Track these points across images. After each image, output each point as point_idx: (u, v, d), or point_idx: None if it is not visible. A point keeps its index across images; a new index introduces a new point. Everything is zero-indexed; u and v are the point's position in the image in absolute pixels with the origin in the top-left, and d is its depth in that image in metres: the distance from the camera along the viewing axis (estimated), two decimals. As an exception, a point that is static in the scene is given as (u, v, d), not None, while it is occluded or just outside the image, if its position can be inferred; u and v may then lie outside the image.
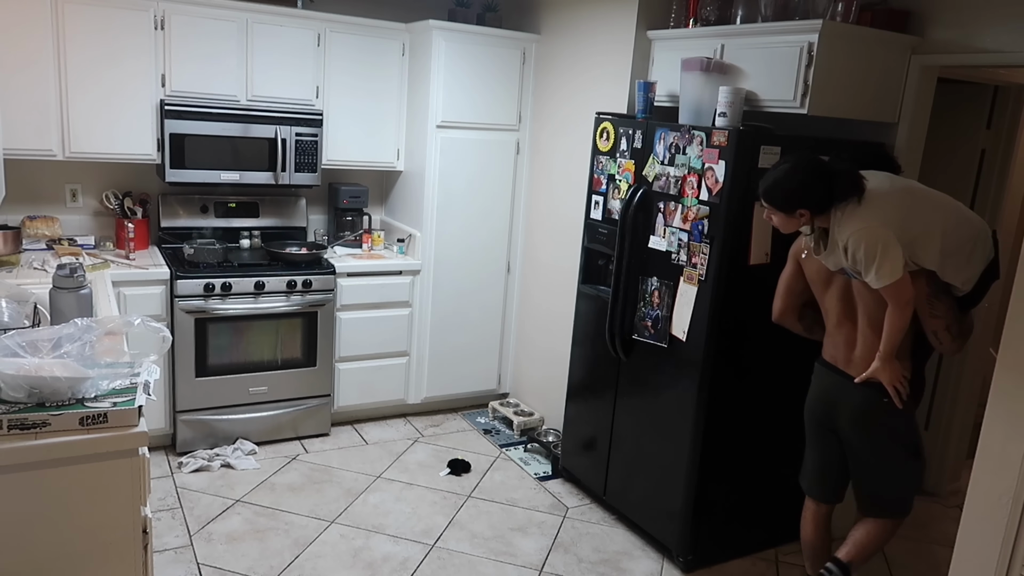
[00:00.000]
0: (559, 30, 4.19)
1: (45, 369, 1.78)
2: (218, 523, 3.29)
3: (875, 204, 2.42)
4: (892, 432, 2.62)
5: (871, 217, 2.40)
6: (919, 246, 2.42)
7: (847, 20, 2.98)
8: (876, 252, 2.36)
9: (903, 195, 2.49)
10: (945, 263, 2.44)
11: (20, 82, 3.46)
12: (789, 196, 2.48)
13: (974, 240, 2.46)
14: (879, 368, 2.50)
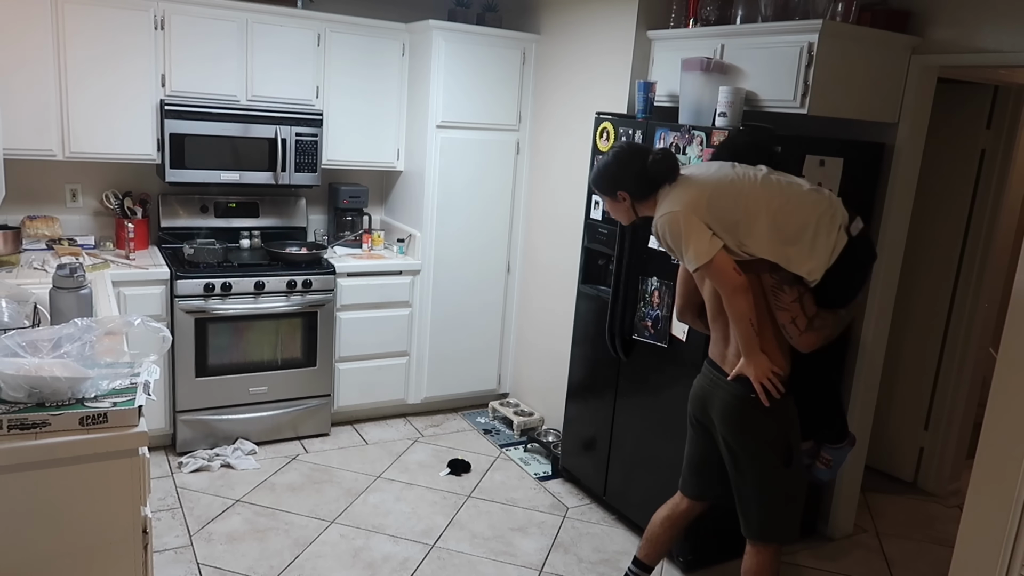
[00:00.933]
0: (559, 30, 4.19)
1: (45, 369, 1.78)
2: (218, 523, 3.29)
3: (685, 188, 2.38)
4: (761, 433, 2.43)
5: (677, 201, 2.35)
6: (743, 233, 2.33)
7: (847, 20, 2.98)
8: (680, 235, 2.32)
9: (720, 180, 2.39)
10: (787, 252, 2.32)
11: (20, 82, 3.46)
12: (608, 179, 2.49)
13: (813, 228, 2.31)
14: (744, 363, 2.37)
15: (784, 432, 2.43)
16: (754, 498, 2.48)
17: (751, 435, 2.44)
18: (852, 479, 3.51)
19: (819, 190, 2.42)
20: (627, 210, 2.52)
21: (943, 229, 3.93)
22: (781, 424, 2.43)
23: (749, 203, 2.33)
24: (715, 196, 2.34)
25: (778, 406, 2.39)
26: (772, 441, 2.43)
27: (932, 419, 4.04)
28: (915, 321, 4.04)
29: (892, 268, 3.30)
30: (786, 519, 2.50)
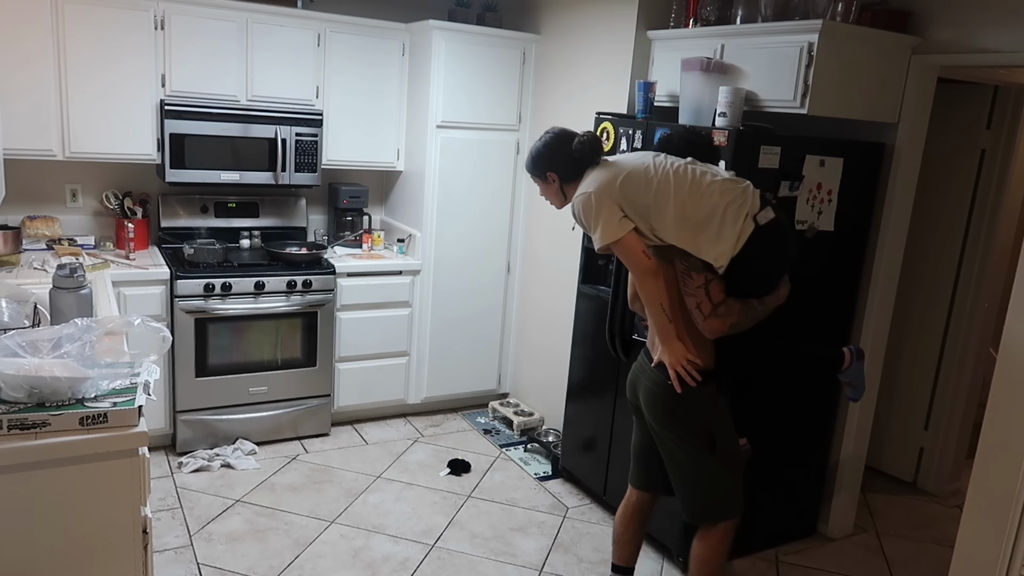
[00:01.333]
0: (559, 30, 4.19)
1: (45, 369, 1.78)
2: (218, 523, 3.29)
3: (603, 171, 2.45)
4: (681, 420, 2.47)
5: (593, 183, 2.43)
6: (653, 218, 2.38)
7: (847, 20, 2.98)
8: (591, 214, 2.39)
9: (635, 166, 2.44)
10: (695, 239, 2.36)
11: (20, 82, 3.46)
12: (538, 162, 2.58)
13: (720, 216, 2.34)
14: (661, 349, 2.43)
15: (705, 419, 2.46)
16: (686, 482, 2.54)
17: (672, 421, 2.48)
18: (852, 479, 3.51)
19: (736, 181, 2.43)
20: (556, 192, 2.59)
21: (943, 229, 3.93)
22: (700, 411, 2.46)
23: (659, 190, 2.38)
24: (627, 180, 2.40)
25: (695, 394, 2.42)
26: (694, 428, 2.46)
27: (932, 419, 4.04)
28: (915, 321, 4.04)
29: (892, 268, 3.30)
30: (722, 498, 2.53)
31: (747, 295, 2.39)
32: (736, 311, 2.37)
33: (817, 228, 3.09)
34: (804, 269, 3.11)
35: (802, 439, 3.39)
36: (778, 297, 2.46)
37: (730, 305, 2.37)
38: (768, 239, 2.35)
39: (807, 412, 3.36)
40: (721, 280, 2.38)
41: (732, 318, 2.37)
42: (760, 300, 2.41)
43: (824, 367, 2.73)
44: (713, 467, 2.49)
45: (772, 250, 2.39)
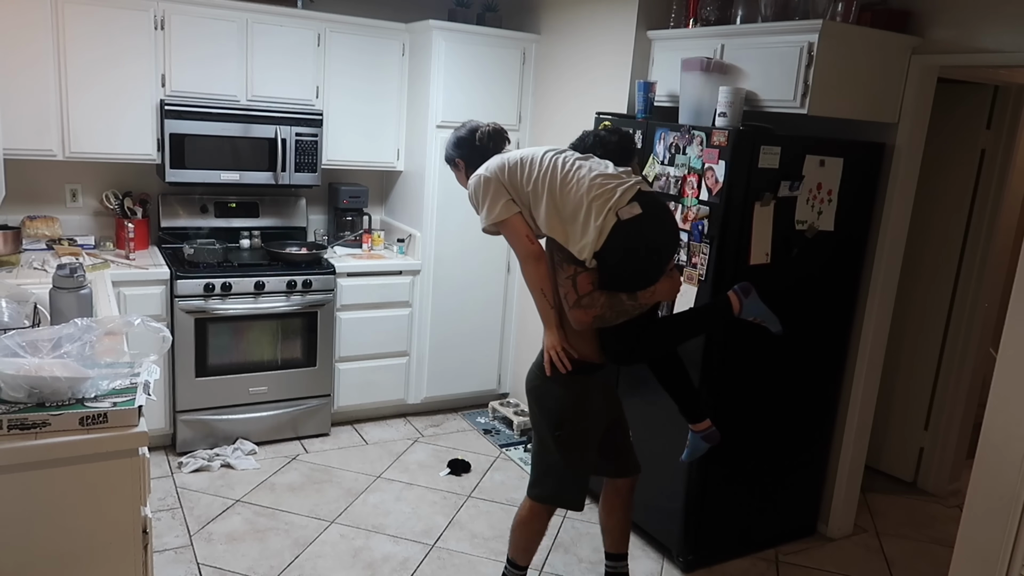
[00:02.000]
0: (559, 30, 4.19)
1: (45, 369, 1.78)
2: (218, 523, 3.29)
3: (498, 157, 2.58)
4: (543, 400, 2.61)
5: (487, 167, 2.54)
6: (534, 206, 2.48)
7: (847, 20, 2.98)
8: (479, 193, 2.51)
9: (525, 156, 2.53)
10: (565, 231, 2.43)
11: (20, 82, 3.46)
12: (448, 148, 2.78)
13: (585, 209, 2.38)
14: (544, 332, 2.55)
15: (562, 405, 2.56)
16: (533, 456, 2.71)
17: (537, 400, 2.63)
18: (852, 479, 3.51)
19: (615, 177, 2.44)
20: (463, 178, 2.74)
21: (943, 229, 3.93)
22: (562, 398, 2.56)
23: (540, 180, 2.46)
24: (515, 167, 2.51)
25: (560, 381, 2.54)
26: (549, 409, 2.59)
27: (932, 419, 4.04)
28: (915, 321, 4.04)
29: (892, 268, 3.30)
30: (554, 485, 2.64)
31: (615, 289, 2.42)
32: (600, 304, 2.40)
33: (817, 228, 3.09)
34: (804, 269, 3.13)
35: (802, 439, 3.39)
36: (654, 293, 2.47)
37: (594, 297, 2.40)
38: (629, 235, 2.37)
39: (807, 412, 3.36)
40: (592, 273, 2.43)
41: (596, 310, 2.40)
42: (630, 295, 2.42)
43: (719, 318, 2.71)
44: (554, 453, 2.60)
45: (633, 246, 2.39)
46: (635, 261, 2.42)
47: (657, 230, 2.44)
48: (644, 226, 2.38)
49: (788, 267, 3.06)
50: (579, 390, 2.57)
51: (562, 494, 2.65)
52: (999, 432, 2.28)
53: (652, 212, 2.40)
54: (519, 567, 2.79)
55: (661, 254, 2.48)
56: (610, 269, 2.41)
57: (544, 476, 2.65)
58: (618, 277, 2.42)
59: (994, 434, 2.30)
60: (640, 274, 2.44)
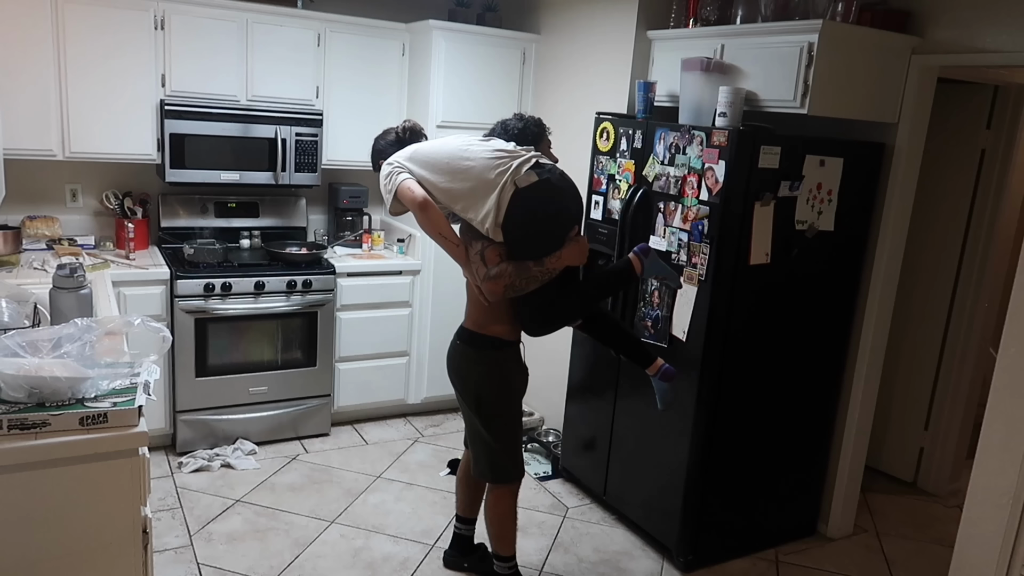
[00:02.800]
0: (559, 30, 4.19)
1: (45, 369, 1.78)
2: (218, 523, 3.29)
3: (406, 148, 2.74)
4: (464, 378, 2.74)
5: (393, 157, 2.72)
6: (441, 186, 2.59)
7: (847, 20, 2.98)
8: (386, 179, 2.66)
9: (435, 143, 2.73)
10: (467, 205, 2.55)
11: (20, 82, 3.46)
12: (373, 155, 2.89)
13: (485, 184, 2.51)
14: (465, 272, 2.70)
15: (481, 382, 2.69)
16: (472, 441, 2.82)
17: (460, 379, 2.75)
18: (852, 479, 3.51)
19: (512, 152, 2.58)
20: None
21: (943, 229, 3.93)
22: (482, 376, 2.68)
23: (440, 161, 2.60)
24: (420, 151, 2.67)
25: (478, 357, 2.68)
26: (469, 388, 2.72)
27: (932, 419, 4.04)
28: (915, 321, 4.04)
29: (892, 268, 3.30)
30: (496, 461, 2.75)
31: (521, 257, 2.51)
32: (509, 273, 2.49)
33: (817, 228, 3.09)
34: (804, 269, 3.13)
35: (802, 439, 3.39)
36: (560, 258, 2.54)
37: (503, 268, 2.51)
38: (527, 202, 2.48)
39: (807, 412, 3.36)
40: (499, 247, 2.54)
41: (505, 279, 2.50)
42: (537, 262, 2.51)
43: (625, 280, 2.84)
44: (481, 429, 2.72)
45: (532, 213, 2.50)
46: (535, 227, 2.53)
47: (554, 195, 2.53)
48: (541, 193, 2.49)
49: (788, 267, 3.06)
50: (498, 365, 2.69)
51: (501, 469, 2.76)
52: (999, 432, 2.28)
53: (549, 180, 2.52)
54: (505, 557, 2.86)
55: (560, 218, 2.57)
56: (513, 238, 2.52)
57: (484, 455, 2.78)
58: (522, 245, 2.52)
59: (994, 434, 2.30)
60: (542, 240, 2.54)
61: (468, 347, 2.70)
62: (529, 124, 2.79)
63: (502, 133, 2.78)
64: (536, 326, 2.67)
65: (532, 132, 2.79)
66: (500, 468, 2.76)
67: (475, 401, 2.71)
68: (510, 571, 2.88)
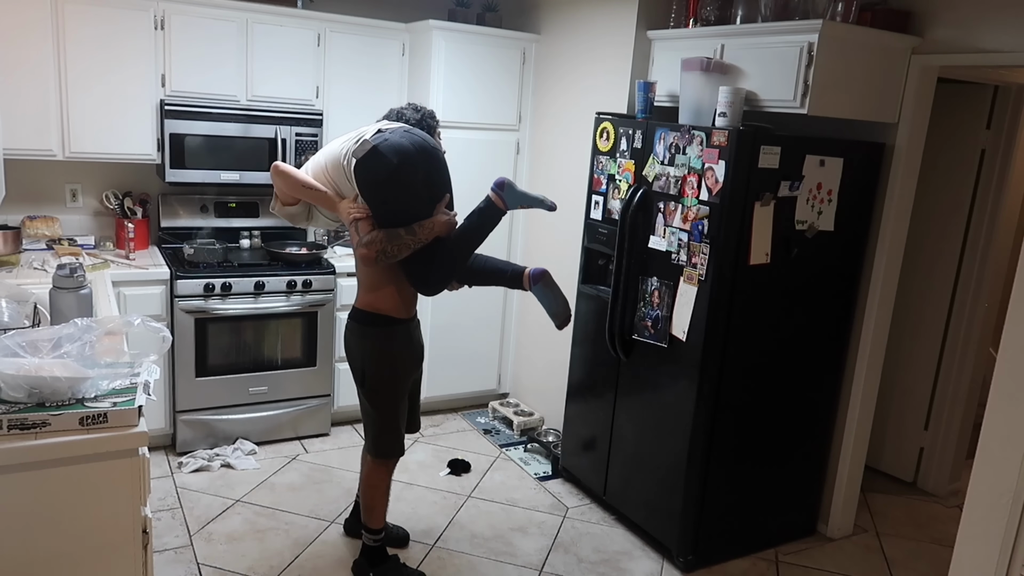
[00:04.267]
0: (559, 30, 4.19)
1: (45, 369, 1.78)
2: (218, 523, 3.29)
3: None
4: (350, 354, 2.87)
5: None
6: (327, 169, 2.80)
7: (847, 20, 2.98)
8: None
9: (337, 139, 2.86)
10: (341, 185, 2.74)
11: (20, 82, 3.46)
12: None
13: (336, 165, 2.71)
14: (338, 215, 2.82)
15: (367, 358, 2.81)
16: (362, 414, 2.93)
17: (349, 355, 2.87)
18: (852, 479, 3.51)
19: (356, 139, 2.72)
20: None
21: (943, 229, 3.93)
22: (368, 352, 2.81)
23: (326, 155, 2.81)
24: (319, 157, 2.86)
25: (368, 334, 2.79)
26: (356, 363, 2.85)
27: (932, 419, 4.04)
28: (915, 321, 4.04)
29: (892, 268, 3.30)
30: (379, 437, 2.87)
31: (387, 225, 2.63)
32: (380, 240, 2.60)
33: (817, 228, 3.09)
34: (804, 269, 3.13)
35: (802, 439, 3.39)
36: (431, 230, 2.68)
37: (374, 236, 2.62)
38: (367, 172, 2.61)
39: (807, 412, 3.36)
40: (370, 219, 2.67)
41: (377, 246, 2.60)
42: (407, 230, 2.63)
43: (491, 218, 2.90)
44: (367, 404, 2.86)
45: (374, 180, 2.62)
46: (382, 193, 2.64)
47: (391, 155, 2.59)
48: (377, 161, 2.59)
49: (788, 267, 3.06)
50: (383, 342, 2.80)
51: (380, 443, 2.87)
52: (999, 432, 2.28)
53: (387, 145, 2.61)
54: (374, 530, 2.95)
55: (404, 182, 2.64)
56: (372, 205, 2.65)
57: (367, 430, 2.91)
58: (380, 212, 2.65)
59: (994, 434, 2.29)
60: (397, 204, 2.65)
61: (357, 324, 2.81)
62: (425, 116, 2.91)
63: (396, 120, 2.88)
64: (422, 286, 2.79)
65: (427, 125, 2.89)
66: (381, 443, 2.87)
67: (360, 376, 2.83)
68: (376, 543, 2.96)
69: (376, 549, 2.96)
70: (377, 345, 2.80)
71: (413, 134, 2.71)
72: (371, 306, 2.78)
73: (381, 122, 2.84)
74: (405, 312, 2.81)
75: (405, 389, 2.88)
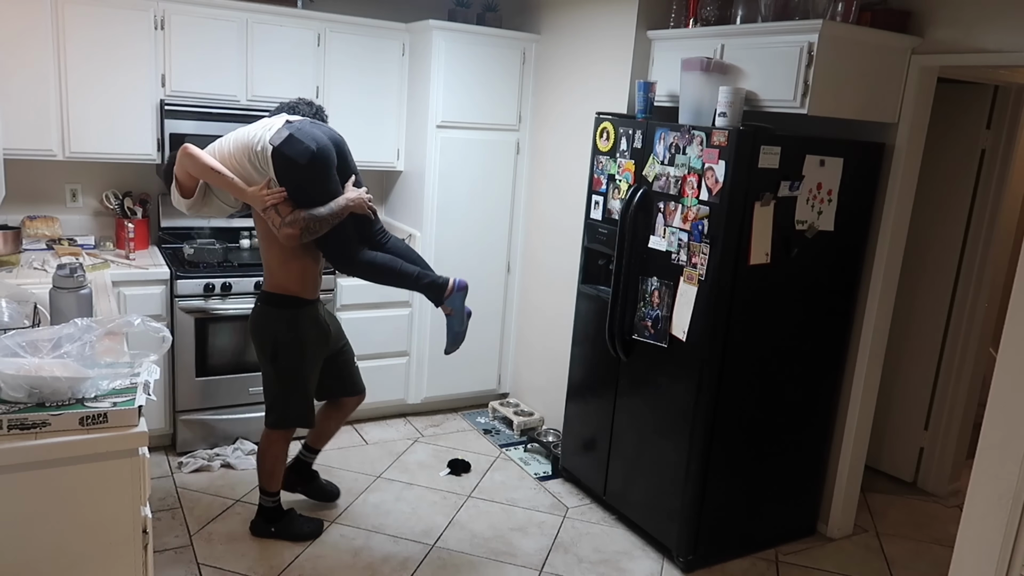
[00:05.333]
0: (559, 30, 4.19)
1: (45, 369, 1.78)
2: (218, 523, 3.29)
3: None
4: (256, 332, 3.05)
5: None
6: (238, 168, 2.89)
7: (847, 20, 2.98)
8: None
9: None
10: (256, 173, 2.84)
11: (20, 82, 3.46)
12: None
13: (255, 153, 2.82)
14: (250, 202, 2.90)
15: (278, 337, 2.98)
16: (264, 389, 3.10)
17: (258, 334, 3.04)
18: (852, 479, 3.51)
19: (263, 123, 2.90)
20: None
21: (943, 229, 3.93)
22: (279, 331, 2.98)
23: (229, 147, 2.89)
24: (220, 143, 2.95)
25: (276, 315, 2.98)
26: (262, 341, 3.02)
27: (932, 419, 4.04)
28: (915, 321, 4.04)
29: (892, 268, 3.30)
30: (282, 410, 3.09)
31: (305, 205, 2.81)
32: (301, 219, 2.79)
33: (817, 228, 3.09)
34: (804, 269, 3.13)
35: (802, 439, 3.39)
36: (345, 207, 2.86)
37: (295, 215, 2.79)
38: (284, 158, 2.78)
39: (807, 412, 3.36)
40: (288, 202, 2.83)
41: (300, 224, 2.79)
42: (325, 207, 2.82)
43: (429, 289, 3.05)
44: (275, 377, 3.04)
45: (291, 164, 2.79)
46: (299, 175, 2.80)
47: (307, 146, 2.79)
48: (293, 147, 2.78)
49: (788, 267, 3.06)
50: (289, 321, 2.98)
51: (288, 416, 3.09)
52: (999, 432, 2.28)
53: (304, 133, 2.81)
54: (270, 493, 3.18)
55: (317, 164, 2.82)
56: (289, 189, 2.81)
57: (272, 405, 3.09)
58: (298, 194, 2.81)
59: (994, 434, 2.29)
60: (313, 185, 2.83)
61: (267, 306, 3.00)
62: (319, 110, 3.10)
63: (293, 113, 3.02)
64: (341, 265, 3.01)
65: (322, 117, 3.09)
66: (289, 417, 3.09)
67: (272, 354, 2.99)
68: (272, 504, 3.19)
69: (274, 509, 3.20)
70: (288, 326, 2.98)
71: (319, 125, 2.95)
72: (280, 288, 2.97)
73: (281, 115, 2.97)
74: (311, 293, 3.02)
75: (313, 366, 3.08)
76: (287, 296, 2.97)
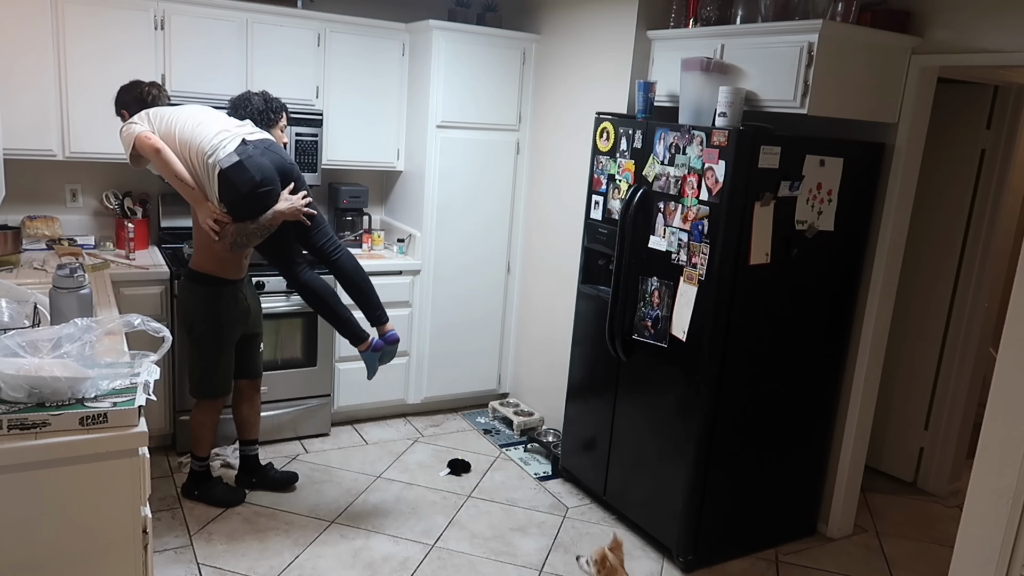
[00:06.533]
0: (559, 30, 4.19)
1: (45, 369, 1.78)
2: (218, 523, 3.29)
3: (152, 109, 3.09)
4: (181, 307, 3.31)
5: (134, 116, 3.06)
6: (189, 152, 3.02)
7: (847, 20, 2.98)
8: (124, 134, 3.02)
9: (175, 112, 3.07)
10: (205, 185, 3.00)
11: (20, 82, 3.46)
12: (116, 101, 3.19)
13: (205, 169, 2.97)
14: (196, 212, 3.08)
15: (196, 311, 3.22)
16: (188, 360, 3.35)
17: (180, 308, 3.31)
18: (852, 479, 3.51)
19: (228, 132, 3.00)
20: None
21: (943, 229, 3.93)
22: (196, 306, 3.22)
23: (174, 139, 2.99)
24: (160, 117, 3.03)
25: (195, 290, 3.20)
26: (184, 316, 3.28)
27: (932, 419, 4.05)
28: (915, 321, 4.04)
29: (892, 268, 3.30)
30: (200, 380, 3.30)
31: (240, 219, 3.01)
32: (231, 232, 3.00)
33: (817, 228, 3.09)
34: (804, 269, 3.13)
35: (802, 439, 3.39)
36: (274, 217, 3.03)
37: (226, 229, 3.00)
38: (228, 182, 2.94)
39: (807, 412, 3.36)
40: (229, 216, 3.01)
41: (229, 238, 3.01)
42: (253, 221, 3.01)
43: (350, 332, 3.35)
44: (193, 351, 3.28)
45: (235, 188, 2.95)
46: (241, 198, 2.97)
47: (253, 172, 2.95)
48: (240, 173, 2.94)
49: (788, 267, 3.06)
50: (209, 298, 3.19)
51: (204, 385, 3.29)
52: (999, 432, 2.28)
53: (242, 161, 2.94)
54: (199, 458, 3.41)
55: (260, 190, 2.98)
56: (228, 207, 2.99)
57: (191, 374, 3.33)
58: (236, 211, 3.00)
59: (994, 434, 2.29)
60: (250, 206, 3.00)
61: (190, 282, 3.22)
62: (272, 107, 3.22)
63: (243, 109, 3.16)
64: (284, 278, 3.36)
65: (269, 118, 3.21)
66: (205, 386, 3.29)
67: (189, 326, 3.24)
68: (201, 468, 3.41)
69: (202, 473, 3.42)
70: (205, 301, 3.20)
71: (273, 152, 3.07)
72: (201, 267, 3.17)
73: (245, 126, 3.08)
74: (232, 275, 3.20)
75: (231, 341, 3.28)
76: (207, 275, 3.17)
